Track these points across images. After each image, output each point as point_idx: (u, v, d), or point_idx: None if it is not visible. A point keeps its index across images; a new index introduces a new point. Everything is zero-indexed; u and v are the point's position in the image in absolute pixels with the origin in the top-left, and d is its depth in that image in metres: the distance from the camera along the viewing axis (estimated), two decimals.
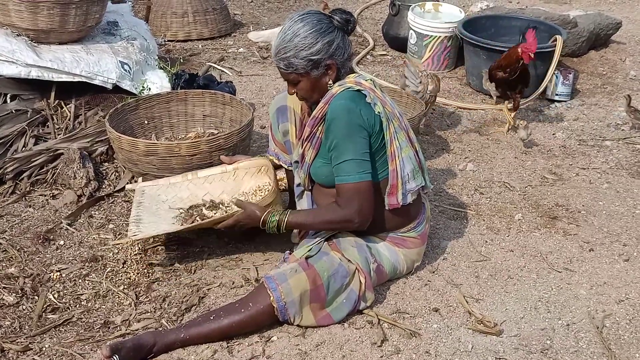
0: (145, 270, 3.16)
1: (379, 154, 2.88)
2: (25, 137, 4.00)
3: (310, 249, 2.92)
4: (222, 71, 5.49)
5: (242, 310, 2.74)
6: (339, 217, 2.86)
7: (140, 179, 3.55)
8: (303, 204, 3.16)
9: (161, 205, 3.30)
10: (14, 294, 2.98)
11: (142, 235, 3.00)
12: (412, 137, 3.01)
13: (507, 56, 4.47)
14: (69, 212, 3.59)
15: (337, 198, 2.88)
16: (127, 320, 2.87)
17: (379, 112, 2.83)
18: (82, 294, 3.03)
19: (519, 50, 4.35)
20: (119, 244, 2.99)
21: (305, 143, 2.96)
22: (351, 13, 2.90)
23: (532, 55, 4.33)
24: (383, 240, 3.04)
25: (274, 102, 3.23)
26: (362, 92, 2.83)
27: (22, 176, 3.81)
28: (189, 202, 3.36)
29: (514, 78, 4.46)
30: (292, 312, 2.76)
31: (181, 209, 3.32)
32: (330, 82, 2.87)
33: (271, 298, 2.73)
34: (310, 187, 3.10)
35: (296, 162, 3.11)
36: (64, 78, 4.18)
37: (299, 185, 3.16)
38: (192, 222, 3.13)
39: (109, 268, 3.18)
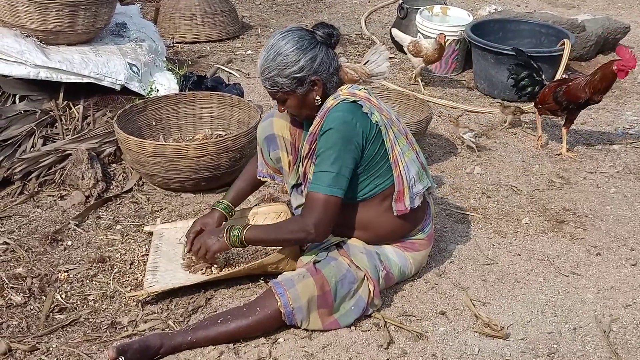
0: None
1: (382, 162, 2.86)
2: (34, 137, 4.01)
3: (318, 254, 2.93)
4: (230, 73, 5.50)
5: (250, 315, 2.74)
6: (298, 226, 2.83)
7: (158, 220, 3.54)
8: None
9: (178, 250, 3.25)
10: (21, 294, 2.99)
11: (158, 286, 2.96)
12: (411, 139, 3.00)
13: (604, 78, 4.20)
14: (77, 213, 3.60)
15: (302, 208, 2.88)
16: (134, 321, 2.88)
17: (376, 122, 2.81)
18: (89, 295, 3.03)
19: (614, 68, 4.13)
20: (134, 296, 2.99)
21: (306, 161, 2.93)
22: (334, 26, 2.87)
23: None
24: (391, 245, 3.04)
25: (260, 130, 3.16)
26: (358, 102, 2.80)
27: (31, 177, 3.82)
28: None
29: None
30: (299, 317, 2.76)
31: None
32: (318, 97, 2.85)
33: (279, 303, 2.73)
34: None
35: (293, 186, 3.11)
36: (73, 79, 4.19)
37: (296, 208, 3.15)
38: (205, 273, 3.09)
39: (117, 269, 3.19)
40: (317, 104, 2.86)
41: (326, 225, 2.81)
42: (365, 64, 4.19)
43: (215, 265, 3.10)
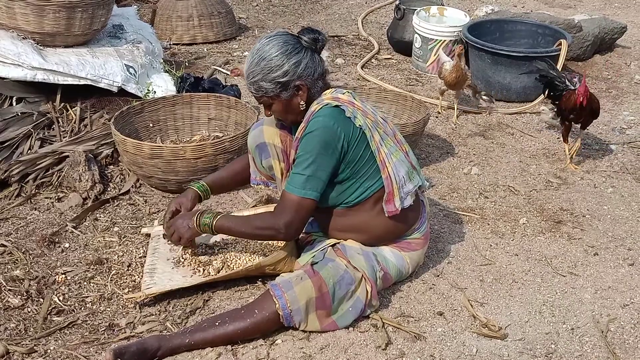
0: None
1: (369, 164, 2.87)
2: (31, 139, 4.00)
3: (315, 255, 2.93)
4: (227, 74, 5.49)
5: (248, 317, 2.74)
6: (267, 224, 2.86)
7: (156, 222, 3.54)
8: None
9: (175, 252, 3.25)
10: (19, 296, 2.99)
11: (156, 288, 2.97)
12: (400, 139, 3.01)
13: (567, 101, 4.16)
14: (74, 215, 3.60)
15: (275, 206, 2.91)
16: (131, 322, 2.88)
17: (360, 125, 2.81)
18: (87, 297, 3.03)
19: (576, 96, 4.12)
20: (132, 298, 2.99)
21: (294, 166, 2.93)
22: (319, 31, 2.87)
23: (586, 100, 4.11)
24: (388, 246, 3.04)
25: (251, 138, 3.16)
26: (341, 107, 2.80)
27: (28, 179, 3.81)
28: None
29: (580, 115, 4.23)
30: (297, 319, 2.76)
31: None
32: (302, 102, 2.85)
33: (277, 305, 2.73)
34: None
35: None
36: (70, 81, 4.19)
37: None
38: (205, 276, 3.08)
39: (114, 271, 3.19)
40: (302, 108, 2.87)
41: (297, 226, 2.86)
42: None
43: (212, 267, 3.10)
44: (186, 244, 3.09)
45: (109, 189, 3.85)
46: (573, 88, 4.31)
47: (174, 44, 6.07)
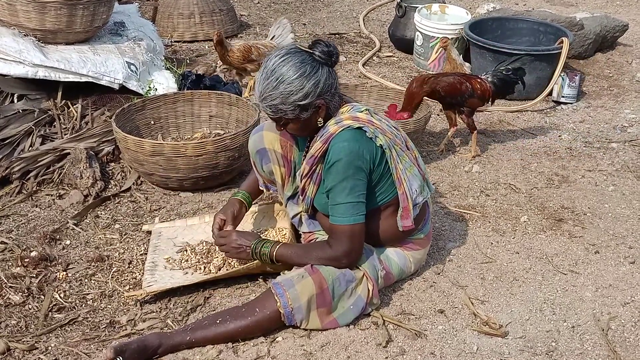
0: None
1: (384, 179, 2.86)
2: (32, 136, 4.01)
3: None
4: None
5: (249, 315, 2.74)
6: (328, 255, 2.83)
7: (156, 219, 3.54)
8: (305, 229, 3.18)
9: (176, 249, 3.25)
10: (20, 293, 2.99)
11: (156, 286, 2.97)
12: (410, 146, 3.00)
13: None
14: (75, 212, 3.60)
15: (329, 238, 2.88)
16: (132, 320, 2.88)
17: (380, 145, 2.79)
18: (88, 294, 3.03)
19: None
20: (133, 295, 2.98)
21: (305, 179, 2.92)
22: (332, 44, 2.78)
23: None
24: (392, 246, 3.05)
25: (251, 144, 3.16)
26: (362, 128, 2.77)
27: (29, 176, 3.82)
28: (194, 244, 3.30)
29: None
30: (299, 317, 2.76)
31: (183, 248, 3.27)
32: (320, 119, 2.81)
33: (278, 304, 2.73)
34: (313, 213, 3.09)
35: (290, 197, 3.14)
36: (71, 78, 4.19)
37: (293, 217, 3.18)
38: (206, 273, 3.09)
39: (115, 268, 3.19)
40: (320, 125, 2.83)
41: (356, 252, 2.86)
42: (272, 38, 4.24)
43: (213, 264, 3.10)
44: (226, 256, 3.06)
45: (110, 186, 3.85)
46: None
47: (175, 42, 6.07)
